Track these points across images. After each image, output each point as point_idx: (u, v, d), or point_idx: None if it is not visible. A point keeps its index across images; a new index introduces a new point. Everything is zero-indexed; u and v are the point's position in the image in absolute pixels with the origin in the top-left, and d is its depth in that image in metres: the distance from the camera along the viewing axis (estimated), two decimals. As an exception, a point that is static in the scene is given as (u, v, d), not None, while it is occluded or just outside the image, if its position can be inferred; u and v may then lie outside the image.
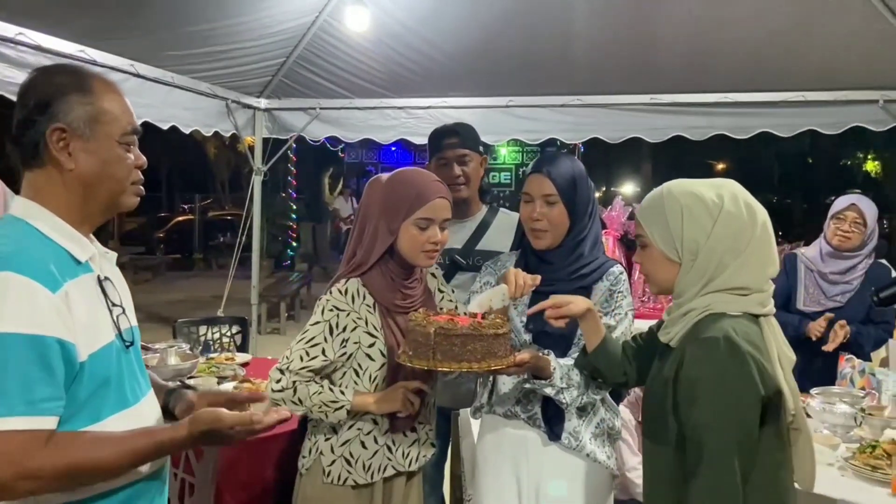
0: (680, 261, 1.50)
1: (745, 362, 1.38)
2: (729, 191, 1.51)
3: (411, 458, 1.98)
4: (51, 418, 1.17)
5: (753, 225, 1.48)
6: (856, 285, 3.10)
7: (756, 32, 4.09)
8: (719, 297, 1.47)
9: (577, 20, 4.17)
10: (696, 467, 1.39)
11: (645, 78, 4.56)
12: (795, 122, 4.62)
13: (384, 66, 4.65)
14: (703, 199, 1.49)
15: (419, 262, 1.92)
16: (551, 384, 1.82)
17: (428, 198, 1.87)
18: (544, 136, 5.02)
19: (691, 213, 1.48)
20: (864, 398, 2.53)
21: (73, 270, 1.26)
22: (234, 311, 5.01)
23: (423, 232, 1.87)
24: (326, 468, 1.91)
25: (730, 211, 1.47)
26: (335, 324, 1.87)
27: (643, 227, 1.55)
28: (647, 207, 1.56)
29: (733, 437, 1.37)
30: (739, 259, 1.47)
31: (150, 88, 4.10)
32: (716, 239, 1.46)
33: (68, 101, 1.27)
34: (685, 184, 1.54)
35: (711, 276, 1.47)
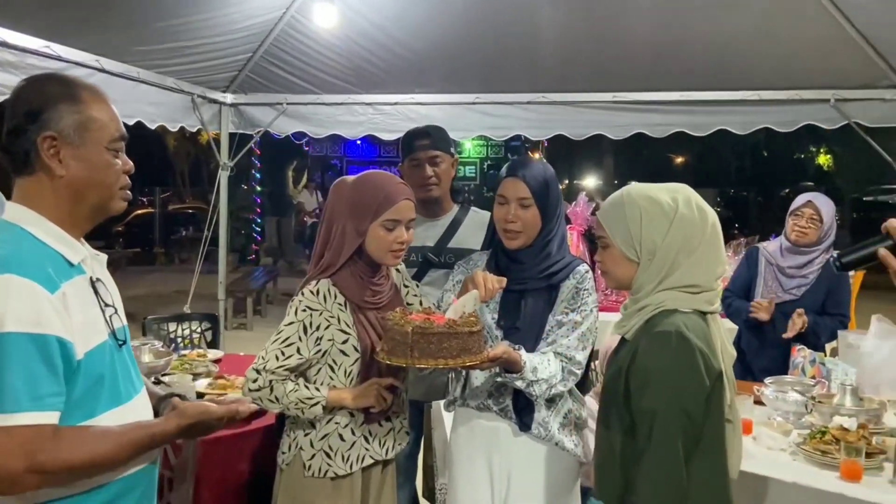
0: (638, 260, 1.61)
1: (693, 355, 1.49)
2: (683, 195, 1.61)
3: (388, 446, 2.06)
4: (54, 413, 1.23)
5: (704, 226, 1.58)
6: (811, 279, 3.25)
7: (714, 34, 4.23)
8: (672, 294, 1.58)
9: (543, 20, 4.26)
10: (644, 450, 1.50)
11: (608, 76, 4.67)
12: (751, 119, 4.80)
13: (352, 62, 4.68)
14: (660, 202, 1.59)
15: (386, 262, 2.00)
16: (522, 377, 1.91)
17: (395, 200, 1.95)
18: (510, 132, 5.11)
19: (649, 216, 1.59)
20: (814, 387, 2.67)
21: (68, 272, 1.30)
22: (200, 307, 4.99)
23: (390, 232, 1.95)
24: (307, 462, 1.97)
25: (684, 213, 1.58)
26: (309, 323, 1.94)
27: (604, 229, 1.65)
28: (608, 210, 1.67)
29: (679, 424, 1.49)
30: (692, 258, 1.58)
31: (115, 84, 4.05)
32: (671, 239, 1.57)
33: (58, 109, 1.31)
34: (643, 188, 1.65)
35: (666, 274, 1.58)
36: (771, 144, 19.35)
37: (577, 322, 2.01)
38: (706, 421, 1.52)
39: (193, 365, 3.01)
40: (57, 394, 1.23)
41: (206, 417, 1.40)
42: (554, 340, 2.01)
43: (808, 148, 21.48)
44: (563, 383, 1.98)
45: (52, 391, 1.22)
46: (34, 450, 1.18)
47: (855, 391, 2.50)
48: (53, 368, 1.22)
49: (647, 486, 1.50)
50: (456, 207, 2.68)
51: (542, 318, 2.02)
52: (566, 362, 1.98)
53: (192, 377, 2.81)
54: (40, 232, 1.30)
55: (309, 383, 1.96)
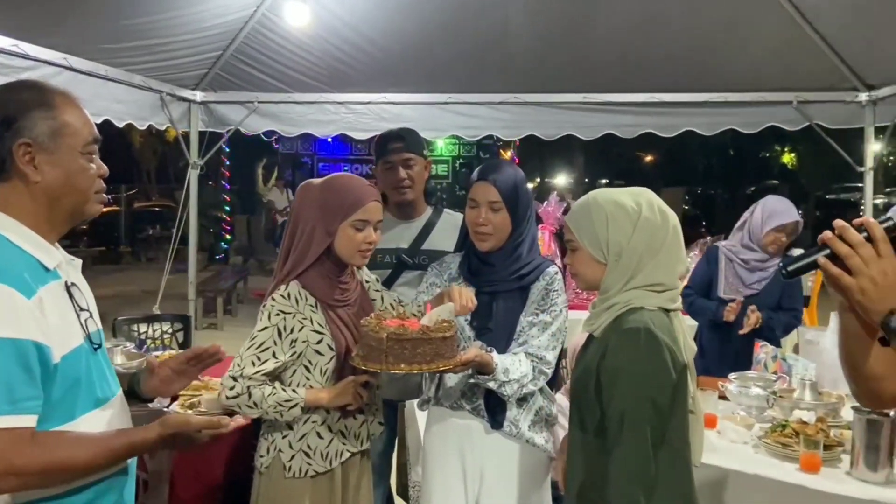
0: (606, 261, 1.68)
1: (661, 350, 1.57)
2: (646, 198, 1.69)
3: (362, 437, 2.10)
4: (32, 416, 1.23)
5: (666, 228, 1.67)
6: (770, 273, 3.37)
7: (681, 38, 4.33)
8: (639, 293, 1.66)
9: (515, 21, 4.31)
10: (615, 442, 1.57)
11: (578, 78, 4.75)
12: (717, 120, 4.92)
13: (323, 62, 4.68)
14: (625, 206, 1.67)
15: (354, 262, 2.04)
16: (494, 378, 1.97)
17: (364, 201, 1.99)
18: (482, 132, 5.16)
19: (615, 220, 1.66)
20: (776, 382, 2.76)
21: (43, 277, 1.31)
22: (170, 307, 4.95)
23: (359, 232, 1.99)
24: (287, 464, 1.99)
25: (647, 216, 1.66)
26: (283, 326, 1.96)
27: (573, 233, 1.73)
28: (575, 215, 1.74)
29: (648, 415, 1.56)
30: (655, 259, 1.66)
31: (82, 82, 4.00)
32: (636, 241, 1.65)
33: (32, 116, 1.32)
34: (608, 193, 1.73)
35: (632, 274, 1.66)
36: (737, 144, 19.69)
37: (547, 322, 2.07)
38: (672, 412, 1.59)
39: (166, 366, 2.99)
40: (34, 397, 1.23)
41: (187, 429, 1.40)
42: (525, 341, 2.06)
43: (773, 147, 21.92)
44: (533, 382, 2.04)
45: (30, 395, 1.23)
46: (11, 453, 1.19)
47: (814, 386, 2.60)
48: (31, 372, 1.22)
49: (618, 475, 1.56)
50: (429, 209, 2.71)
51: (513, 318, 2.07)
52: (537, 362, 2.04)
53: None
54: (16, 237, 1.30)
55: (285, 386, 1.98)
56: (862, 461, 2.09)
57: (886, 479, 2.05)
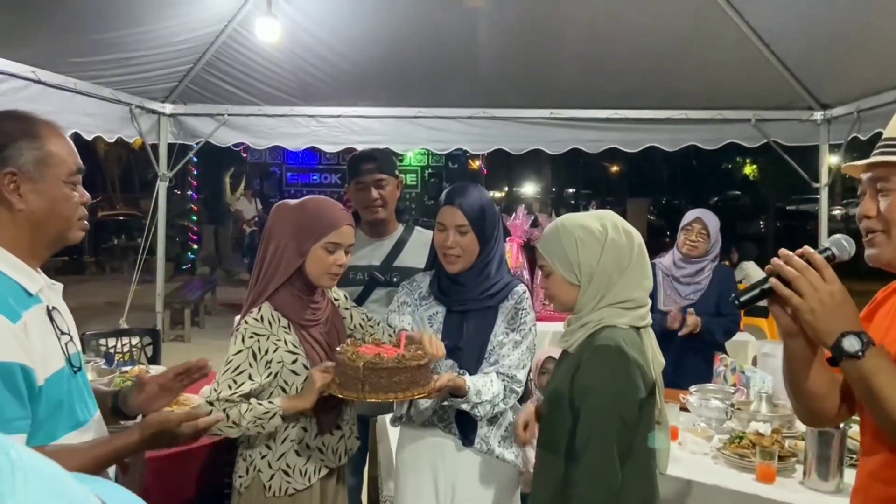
0: (579, 283, 1.76)
1: (630, 368, 1.64)
2: (611, 220, 1.78)
3: (340, 453, 2.13)
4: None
5: (632, 247, 1.75)
6: (704, 285, 3.56)
7: (642, 56, 4.46)
8: (611, 311, 1.73)
9: (483, 38, 4.40)
10: (582, 452, 1.64)
11: (545, 94, 4.85)
12: (679, 137, 5.06)
13: (294, 75, 4.71)
14: (591, 229, 1.75)
15: (322, 283, 2.06)
16: (467, 401, 2.03)
17: (338, 224, 2.03)
18: (452, 146, 5.23)
19: (583, 243, 1.74)
20: (734, 394, 2.86)
21: (26, 302, 1.34)
22: (136, 318, 4.91)
23: (330, 255, 2.02)
24: (267, 483, 2.01)
25: (613, 238, 1.74)
26: (257, 349, 1.98)
27: (545, 259, 1.80)
28: (546, 242, 1.81)
29: (615, 429, 1.63)
30: (623, 277, 1.74)
31: (51, 95, 3.98)
32: (604, 261, 1.73)
33: (19, 146, 1.35)
34: (575, 218, 1.82)
35: (603, 293, 1.74)
36: (700, 156, 20.09)
37: (517, 341, 2.13)
38: (638, 427, 1.67)
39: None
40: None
41: (168, 426, 1.44)
42: (496, 360, 2.12)
43: (734, 159, 22.44)
44: (504, 401, 2.10)
45: (18, 415, 1.25)
46: None
47: (770, 398, 2.70)
48: (18, 394, 1.25)
49: (585, 485, 1.63)
50: (401, 227, 2.76)
51: (483, 337, 2.13)
52: (508, 381, 2.10)
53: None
54: (0, 263, 1.33)
55: (261, 400, 2.00)
56: (814, 471, 2.19)
57: (836, 489, 2.15)
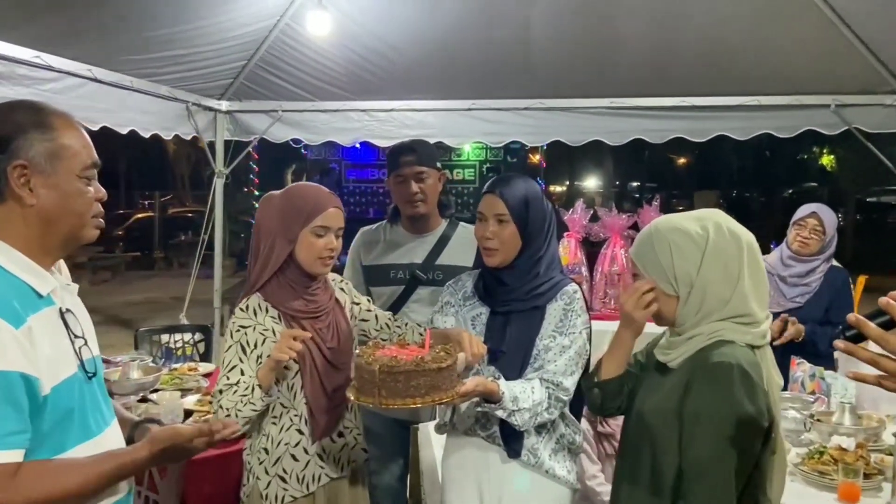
0: (677, 293, 1.56)
1: (756, 395, 1.44)
2: (713, 221, 1.57)
3: (342, 462, 2.03)
4: (18, 451, 1.19)
5: (740, 251, 1.53)
6: (814, 287, 3.24)
7: (712, 40, 4.19)
8: (727, 325, 1.52)
9: (538, 25, 4.22)
10: (689, 491, 1.45)
11: (605, 82, 4.63)
12: (751, 125, 4.75)
13: (346, 69, 4.65)
14: (689, 233, 1.55)
15: (315, 270, 1.98)
16: (502, 407, 1.86)
17: (324, 207, 1.96)
18: (507, 138, 5.08)
19: (679, 248, 1.55)
20: (813, 403, 2.63)
21: (36, 304, 1.27)
22: (197, 314, 4.95)
23: (319, 239, 1.95)
24: (263, 491, 1.93)
25: (716, 241, 1.53)
26: (245, 342, 1.92)
27: (637, 267, 1.63)
28: (639, 248, 1.64)
29: (733, 461, 1.43)
30: (737, 287, 1.52)
31: (107, 93, 4.03)
32: (707, 269, 1.52)
33: (28, 138, 1.28)
34: (671, 220, 1.62)
35: (711, 308, 1.52)
36: (773, 145, 19.32)
37: (564, 346, 1.95)
38: (759, 463, 1.49)
39: (183, 380, 2.98)
40: (20, 431, 1.19)
41: (178, 440, 1.37)
42: (541, 366, 1.95)
43: (811, 149, 21.42)
44: (549, 411, 1.92)
45: (15, 429, 1.18)
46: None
47: (853, 409, 2.46)
48: (17, 405, 1.18)
49: None
50: (444, 223, 2.63)
51: (528, 341, 1.97)
52: (553, 389, 1.92)
53: (180, 394, 2.77)
54: (8, 262, 1.26)
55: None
56: (905, 491, 1.96)
57: (932, 512, 1.92)
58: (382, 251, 2.62)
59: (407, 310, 2.53)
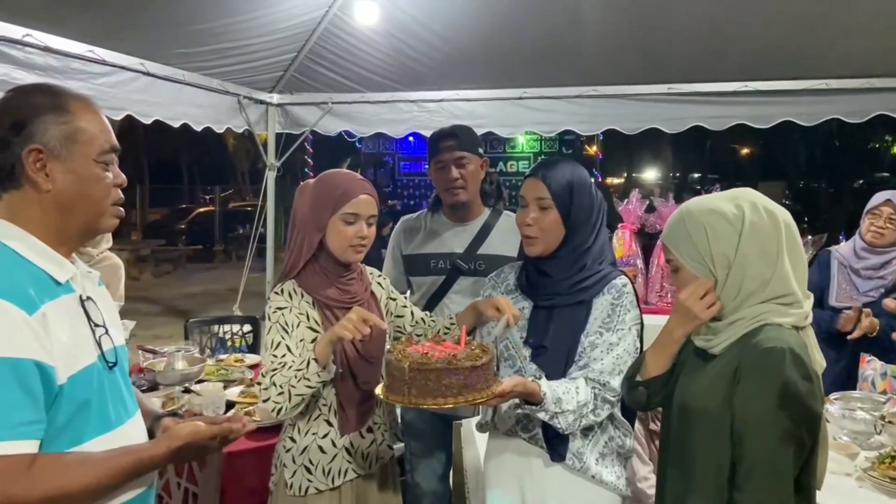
0: (715, 277, 1.49)
1: (811, 380, 1.38)
2: (747, 200, 1.50)
3: (371, 458, 1.98)
4: (32, 442, 1.16)
5: (777, 229, 1.48)
6: (889, 280, 3.06)
7: (776, 19, 3.97)
8: (770, 307, 1.47)
9: (590, 9, 4.07)
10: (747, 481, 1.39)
11: (661, 67, 4.46)
12: (818, 110, 4.50)
13: (395, 60, 4.60)
14: (724, 213, 1.49)
15: (347, 258, 1.94)
16: (544, 409, 1.76)
17: (353, 194, 1.92)
18: (559, 127, 4.94)
19: (714, 230, 1.48)
20: (885, 403, 2.45)
21: (53, 291, 1.24)
22: (250, 305, 5.01)
23: (349, 226, 1.91)
24: (289, 480, 1.91)
25: (752, 220, 1.47)
26: (284, 322, 1.90)
27: (671, 252, 1.56)
28: (671, 232, 1.57)
29: (791, 453, 1.38)
30: (776, 266, 1.46)
31: (160, 86, 4.09)
32: (744, 249, 1.47)
33: (44, 121, 1.25)
34: (703, 201, 1.55)
35: (751, 289, 1.47)
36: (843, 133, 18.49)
37: (612, 343, 1.83)
38: (812, 451, 1.44)
39: (229, 371, 2.98)
40: (34, 421, 1.16)
41: (197, 438, 1.33)
42: (586, 364, 1.83)
43: (882, 137, 20.41)
44: (595, 413, 1.81)
45: (29, 419, 1.15)
46: (7, 483, 1.12)
47: (930, 410, 2.28)
48: (31, 394, 1.15)
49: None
50: (487, 211, 2.54)
51: (572, 337, 1.85)
52: (599, 389, 1.81)
53: (223, 385, 2.77)
54: (24, 249, 1.24)
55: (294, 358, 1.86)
56: None
57: None
58: (423, 240, 2.56)
59: (448, 300, 2.46)
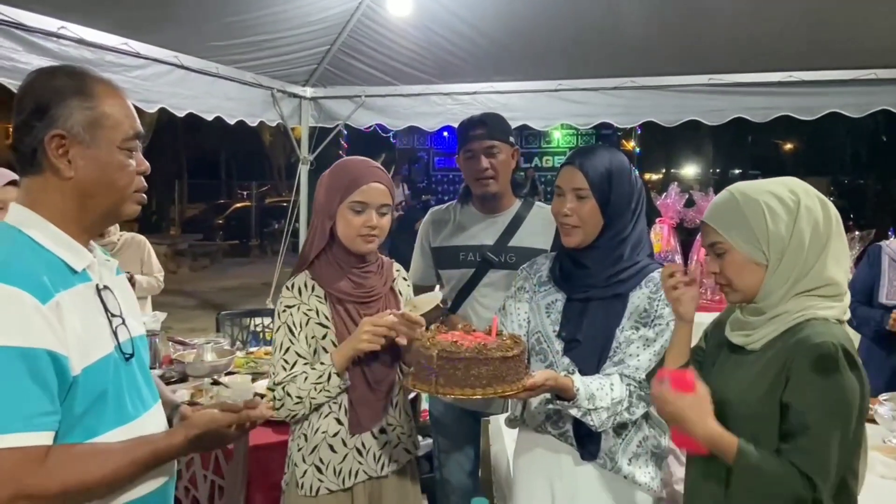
0: (767, 262, 1.44)
1: (861, 377, 1.35)
2: (800, 186, 1.47)
3: (383, 461, 1.90)
4: (46, 433, 1.13)
5: (828, 217, 1.44)
6: None
7: (821, 5, 3.81)
8: (814, 301, 1.42)
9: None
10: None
11: (702, 57, 4.33)
12: (866, 101, 4.33)
13: (429, 52, 4.55)
14: (781, 195, 1.44)
15: (357, 248, 1.86)
16: (576, 406, 1.69)
17: (362, 181, 1.84)
18: (595, 120, 4.84)
19: (773, 211, 1.43)
20: (938, 406, 2.33)
21: (69, 280, 1.20)
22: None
23: (358, 215, 1.83)
24: (300, 480, 1.85)
25: (808, 205, 1.43)
26: (292, 323, 1.85)
27: (719, 234, 1.47)
28: (719, 213, 1.49)
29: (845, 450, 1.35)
30: (822, 255, 1.42)
31: (194, 79, 4.11)
32: (798, 234, 1.42)
33: (68, 105, 1.21)
34: (756, 184, 1.50)
35: (798, 276, 1.42)
36: (891, 127, 17.91)
37: (648, 339, 1.75)
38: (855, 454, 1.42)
39: (258, 363, 2.97)
40: (49, 412, 1.13)
41: (214, 426, 1.30)
42: (621, 360, 1.75)
43: (933, 131, 19.74)
44: (629, 410, 1.73)
45: (43, 410, 1.12)
46: (22, 475, 1.09)
47: None
48: (44, 385, 1.12)
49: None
50: (518, 202, 2.47)
51: (607, 331, 1.77)
52: (635, 386, 1.73)
53: (251, 377, 2.76)
54: (41, 236, 1.21)
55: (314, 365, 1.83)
56: None
57: None
58: (452, 232, 2.50)
59: (478, 294, 2.40)
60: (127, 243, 3.71)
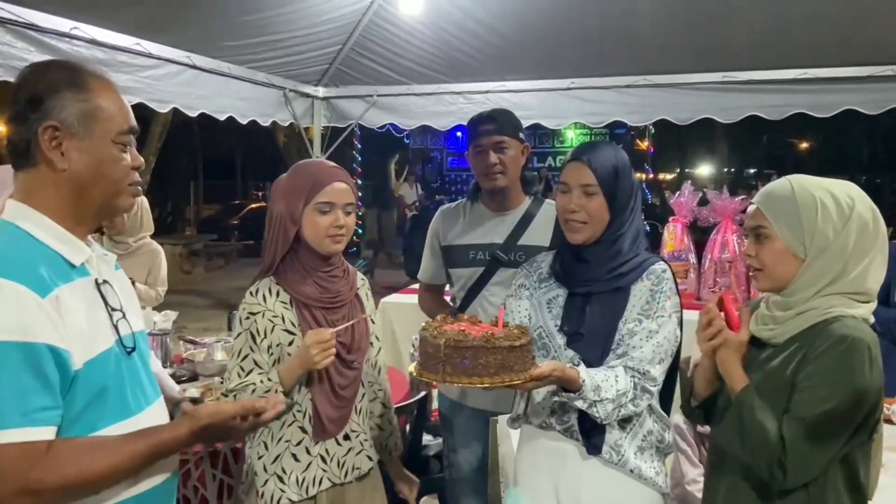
0: (805, 257, 1.46)
1: (880, 374, 1.38)
2: (857, 192, 1.49)
3: (346, 468, 1.89)
4: (48, 428, 1.13)
5: (877, 228, 1.48)
6: None
7: (837, 1, 3.76)
8: (843, 300, 1.45)
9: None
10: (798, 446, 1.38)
11: (716, 55, 4.29)
12: (883, 97, 4.26)
13: (441, 51, 4.54)
14: (837, 197, 1.46)
15: (326, 249, 1.85)
16: (582, 397, 1.68)
17: (325, 182, 1.83)
18: (608, 118, 4.81)
19: (826, 209, 1.46)
20: (957, 407, 2.29)
21: (67, 274, 1.20)
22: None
23: (324, 216, 1.82)
24: (260, 489, 1.82)
25: (861, 212, 1.46)
26: (255, 330, 1.81)
27: (768, 219, 1.50)
28: (774, 199, 1.51)
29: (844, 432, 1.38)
30: (864, 262, 1.45)
31: (206, 79, 4.11)
32: (844, 238, 1.44)
33: (62, 97, 1.21)
34: (815, 180, 1.51)
35: (834, 278, 1.45)
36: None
37: (651, 331, 1.74)
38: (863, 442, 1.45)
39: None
40: (50, 407, 1.13)
41: (219, 418, 1.29)
42: (625, 352, 1.75)
43: (954, 129, 19.47)
44: (634, 402, 1.72)
45: (44, 404, 1.12)
46: (24, 469, 1.09)
47: None
48: (45, 380, 1.12)
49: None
50: (528, 200, 2.45)
51: (609, 325, 1.76)
52: (639, 378, 1.72)
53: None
54: (38, 230, 1.21)
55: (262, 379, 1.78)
56: None
57: None
58: (462, 230, 2.48)
59: (487, 293, 2.38)
60: (142, 248, 3.69)
